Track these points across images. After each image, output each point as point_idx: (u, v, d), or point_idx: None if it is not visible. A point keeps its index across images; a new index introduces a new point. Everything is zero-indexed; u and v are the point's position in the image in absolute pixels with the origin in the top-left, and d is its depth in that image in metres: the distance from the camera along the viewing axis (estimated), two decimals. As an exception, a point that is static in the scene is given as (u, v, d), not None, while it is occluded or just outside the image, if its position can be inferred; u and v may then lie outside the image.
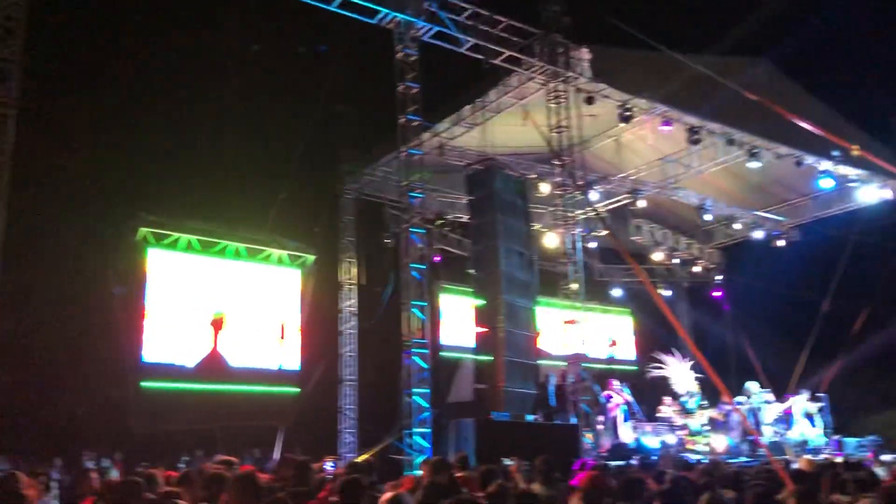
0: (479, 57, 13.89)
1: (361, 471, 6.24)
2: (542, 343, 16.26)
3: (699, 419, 17.43)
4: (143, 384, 14.97)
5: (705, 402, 18.39)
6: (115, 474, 12.00)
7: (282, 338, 17.10)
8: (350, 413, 18.34)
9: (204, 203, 16.86)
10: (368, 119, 19.02)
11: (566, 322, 14.24)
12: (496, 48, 13.90)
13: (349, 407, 18.40)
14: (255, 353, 16.60)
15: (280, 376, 16.82)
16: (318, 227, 18.36)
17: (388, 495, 4.63)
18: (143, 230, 15.49)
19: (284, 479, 5.89)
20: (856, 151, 15.37)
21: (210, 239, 16.29)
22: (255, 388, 16.39)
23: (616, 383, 17.18)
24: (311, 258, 17.64)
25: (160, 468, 7.74)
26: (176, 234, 15.85)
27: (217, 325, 16.13)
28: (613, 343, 24.85)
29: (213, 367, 15.86)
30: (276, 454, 15.75)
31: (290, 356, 17.16)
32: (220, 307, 16.27)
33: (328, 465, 9.17)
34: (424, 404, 12.55)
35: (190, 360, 15.65)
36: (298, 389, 16.97)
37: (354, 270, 19.03)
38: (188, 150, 17.13)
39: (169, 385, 15.28)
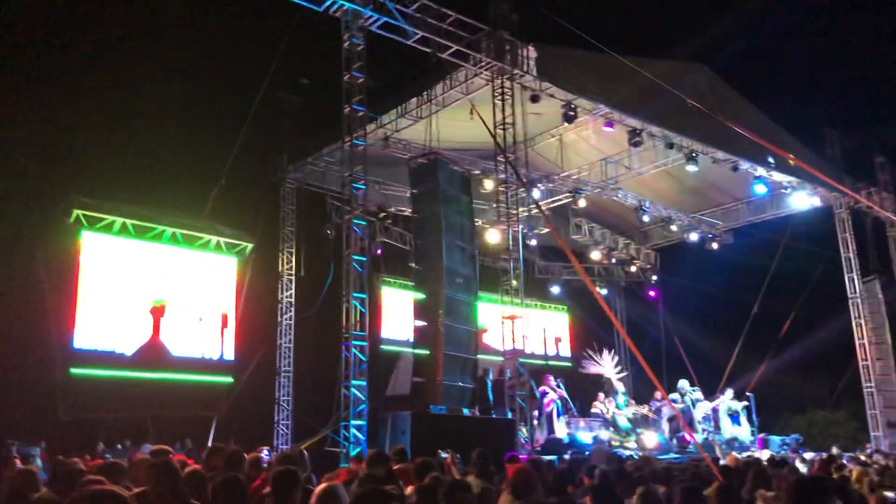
0: (427, 50, 13.86)
1: (294, 462, 6.18)
2: (484, 338, 16.40)
3: (626, 416, 17.75)
4: (73, 371, 14.54)
5: (632, 401, 18.81)
6: (39, 463, 11.65)
7: (224, 327, 16.80)
8: (286, 404, 18.17)
9: (141, 186, 16.44)
10: (313, 108, 18.83)
11: (506, 318, 14.34)
12: (444, 42, 13.89)
13: (285, 398, 18.23)
14: (189, 342, 16.27)
15: (214, 366, 16.52)
16: (258, 216, 18.09)
17: (321, 487, 4.58)
18: (77, 212, 15.02)
19: (214, 468, 5.78)
20: (792, 161, 15.87)
21: (146, 223, 15.88)
22: (189, 377, 16.06)
23: (552, 379, 17.40)
24: (249, 246, 17.35)
25: (85, 457, 7.54)
26: (110, 218, 15.40)
27: (157, 312, 15.78)
28: (558, 340, 25.22)
29: (152, 355, 15.51)
30: (209, 445, 15.48)
31: (225, 346, 16.85)
32: (156, 294, 15.90)
33: (265, 454, 9.06)
34: (361, 397, 12.50)
35: (128, 348, 15.27)
36: (233, 379, 16.69)
37: (294, 261, 18.83)
38: (125, 132, 16.69)
39: (99, 372, 14.87)
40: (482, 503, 5.19)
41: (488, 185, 17.48)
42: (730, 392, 19.38)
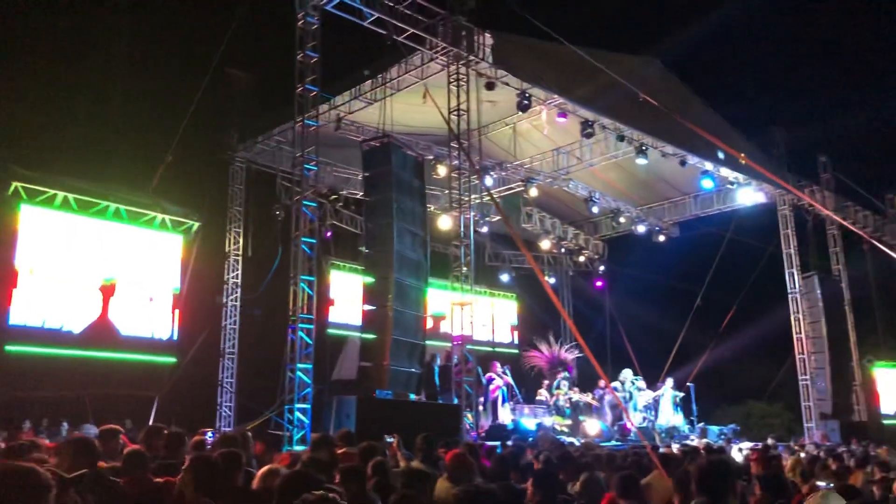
0: (382, 32, 13.72)
1: (236, 444, 6.10)
2: (441, 325, 16.40)
3: (566, 401, 18.00)
4: (8, 348, 14.11)
5: (575, 388, 19.11)
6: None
7: (175, 307, 16.48)
8: (229, 386, 17.96)
9: (84, 160, 15.99)
10: (265, 87, 18.54)
11: (455, 304, 14.37)
12: (400, 25, 13.76)
13: (229, 380, 18.01)
14: (131, 320, 15.91)
15: (156, 345, 16.19)
16: (206, 194, 17.75)
17: (264, 469, 4.54)
18: (15, 185, 14.52)
19: (154, 449, 5.68)
20: (743, 160, 16.18)
21: (89, 198, 15.43)
22: (129, 356, 15.71)
23: (499, 366, 17.53)
24: (195, 225, 17.01)
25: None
26: (51, 191, 14.92)
27: (107, 291, 15.40)
28: (508, 328, 25.40)
29: (100, 333, 15.16)
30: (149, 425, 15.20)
31: (168, 325, 16.53)
32: (99, 271, 15.50)
33: (208, 437, 8.94)
34: (307, 380, 12.40)
35: (69, 325, 14.87)
36: (175, 360, 16.39)
37: (241, 241, 18.56)
38: (68, 103, 16.18)
39: (36, 350, 14.46)
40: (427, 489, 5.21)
41: (441, 170, 17.46)
42: (670, 381, 19.80)
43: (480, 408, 16.08)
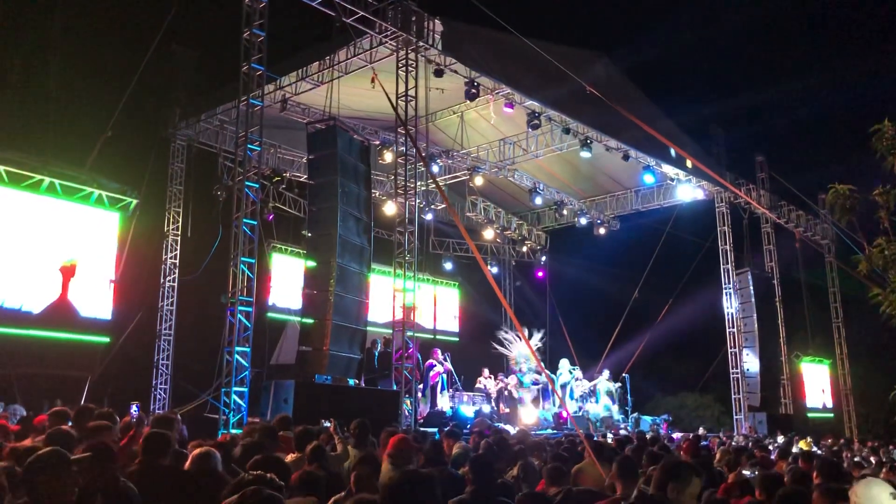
0: (332, 14, 13.55)
1: (167, 425, 6.00)
2: (382, 311, 16.33)
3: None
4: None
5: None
6: None
7: (113, 282, 16.05)
8: (165, 368, 17.64)
9: (17, 131, 15.40)
10: (209, 64, 18.16)
11: (397, 290, 14.35)
12: (349, 7, 13.60)
13: (164, 362, 17.69)
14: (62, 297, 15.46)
15: (88, 324, 15.74)
16: (145, 172, 17.29)
17: (198, 451, 4.48)
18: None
19: (84, 430, 5.54)
20: (690, 162, 16.51)
21: (22, 171, 14.89)
22: (59, 334, 15.24)
23: (439, 353, 17.60)
24: (133, 202, 16.57)
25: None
26: (-20, 163, 14.36)
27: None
28: (448, 315, 25.46)
29: (60, 314, 14.81)
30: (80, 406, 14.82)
31: (102, 304, 16.08)
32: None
33: (134, 410, 8.81)
34: (245, 363, 12.26)
35: (35, 306, 14.50)
36: (108, 339, 15.98)
37: (180, 221, 18.19)
38: (3, 72, 15.57)
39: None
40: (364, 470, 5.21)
41: (388, 157, 17.39)
42: (606, 373, 20.19)
43: (420, 394, 16.13)
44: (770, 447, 12.56)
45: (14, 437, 6.60)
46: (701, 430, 18.35)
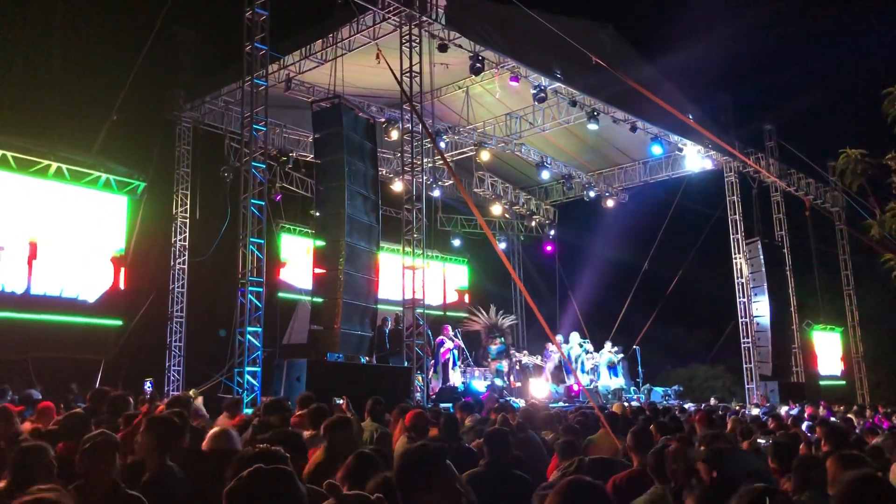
0: (334, -10, 13.46)
1: (182, 405, 6.05)
2: (393, 289, 16.36)
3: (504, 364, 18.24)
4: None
5: (525, 351, 19.42)
6: None
7: (121, 268, 16.11)
8: (178, 350, 17.76)
9: (24, 117, 15.40)
10: (213, 44, 18.06)
11: (407, 268, 14.36)
12: (352, -18, 13.50)
13: (177, 344, 17.80)
14: (75, 282, 15.53)
15: (102, 308, 15.85)
16: (152, 154, 17.30)
17: (215, 430, 4.52)
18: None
19: (100, 412, 5.60)
20: (702, 131, 16.33)
21: (29, 157, 14.91)
22: (73, 318, 15.36)
23: (450, 329, 17.65)
24: (141, 186, 16.60)
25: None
26: (-12, 149, 14.39)
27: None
28: (458, 292, 25.50)
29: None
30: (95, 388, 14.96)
31: (112, 287, 16.17)
32: (35, 231, 15.05)
33: (147, 386, 8.92)
34: (257, 343, 12.33)
35: (19, 287, 14.48)
36: (121, 322, 16.10)
37: (188, 203, 18.22)
38: (5, 58, 15.54)
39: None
40: (381, 446, 5.27)
41: (394, 134, 17.32)
42: (608, 344, 20.20)
43: (431, 371, 16.21)
44: (782, 416, 12.57)
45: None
46: (712, 401, 18.37)
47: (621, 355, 20.14)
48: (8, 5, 15.78)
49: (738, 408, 15.73)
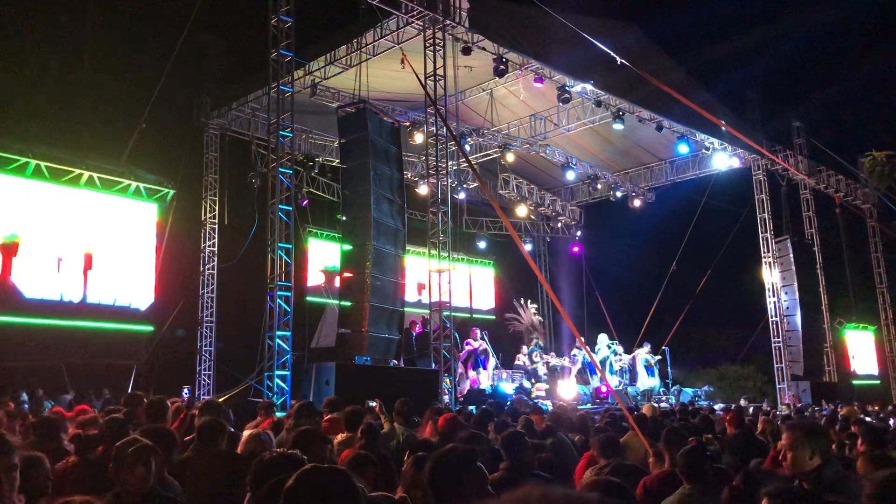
0: (358, -4, 13.56)
1: (216, 411, 6.13)
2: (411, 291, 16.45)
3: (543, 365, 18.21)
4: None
5: (552, 353, 19.36)
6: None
7: (157, 278, 16.38)
8: (208, 354, 17.95)
9: (56, 128, 15.71)
10: (238, 52, 18.27)
11: (433, 271, 14.41)
12: (375, -11, 13.58)
13: (207, 348, 18.00)
14: (106, 288, 15.79)
15: (133, 314, 16.10)
16: (180, 162, 17.53)
17: (248, 433, 4.59)
18: (-15, 153, 14.26)
19: (135, 417, 5.69)
20: (724, 127, 16.13)
21: (62, 166, 15.19)
22: (106, 324, 15.61)
23: (478, 332, 17.66)
24: (170, 193, 16.84)
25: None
26: (23, 159, 14.66)
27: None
28: (483, 294, 25.51)
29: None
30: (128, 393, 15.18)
31: (144, 293, 16.43)
32: (80, 240, 15.33)
33: (185, 393, 9.04)
34: (286, 347, 12.43)
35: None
36: (152, 328, 16.34)
37: (217, 209, 18.42)
38: (39, 70, 15.87)
39: (8, 319, 14.30)
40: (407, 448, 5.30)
41: (418, 137, 17.38)
42: (646, 346, 20.09)
43: (460, 372, 16.23)
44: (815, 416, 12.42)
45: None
46: (742, 401, 18.20)
47: (658, 357, 20.02)
48: (39, 19, 16.07)
49: (768, 408, 15.55)
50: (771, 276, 21.74)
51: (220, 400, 11.17)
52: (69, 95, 16.40)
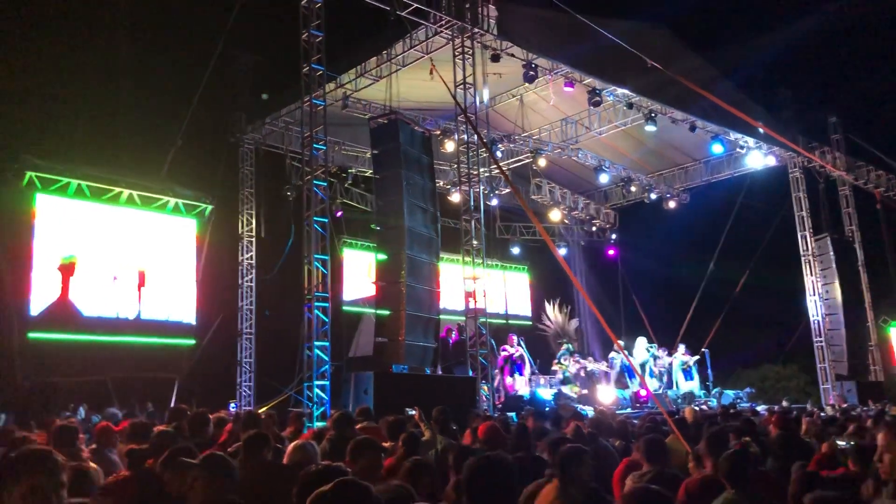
0: (386, 8, 13.67)
1: (260, 423, 6.24)
2: (446, 299, 16.50)
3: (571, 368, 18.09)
4: (31, 335, 14.34)
5: (589, 358, 19.25)
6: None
7: (197, 292, 16.71)
8: (248, 366, 18.17)
9: (95, 147, 16.09)
10: (271, 67, 18.52)
11: (467, 278, 14.44)
12: (403, -1, 13.70)
13: (247, 360, 18.22)
14: (156, 304, 16.15)
15: (175, 328, 16.41)
16: (217, 177, 17.84)
17: (294, 444, 4.67)
18: (30, 174, 14.66)
19: (180, 429, 5.82)
20: (761, 128, 15.81)
21: (102, 185, 15.56)
22: (150, 339, 15.94)
23: (514, 338, 17.64)
24: (208, 208, 17.15)
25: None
26: (65, 179, 15.06)
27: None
28: (518, 300, 25.45)
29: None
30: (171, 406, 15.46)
31: (186, 307, 16.73)
32: (112, 256, 15.66)
33: (231, 407, 9.20)
34: (324, 357, 12.55)
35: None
36: (194, 341, 16.62)
37: (254, 222, 18.67)
38: (78, 92, 16.26)
39: (58, 336, 14.68)
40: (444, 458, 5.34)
41: (450, 145, 17.45)
42: (682, 348, 19.87)
43: (497, 379, 16.22)
44: (862, 416, 12.18)
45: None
46: (785, 403, 17.91)
47: (696, 357, 19.80)
48: (78, 40, 16.47)
49: (812, 409, 15.29)
50: (811, 274, 21.40)
51: (261, 411, 11.34)
52: (107, 115, 16.79)
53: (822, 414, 12.36)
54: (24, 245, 14.51)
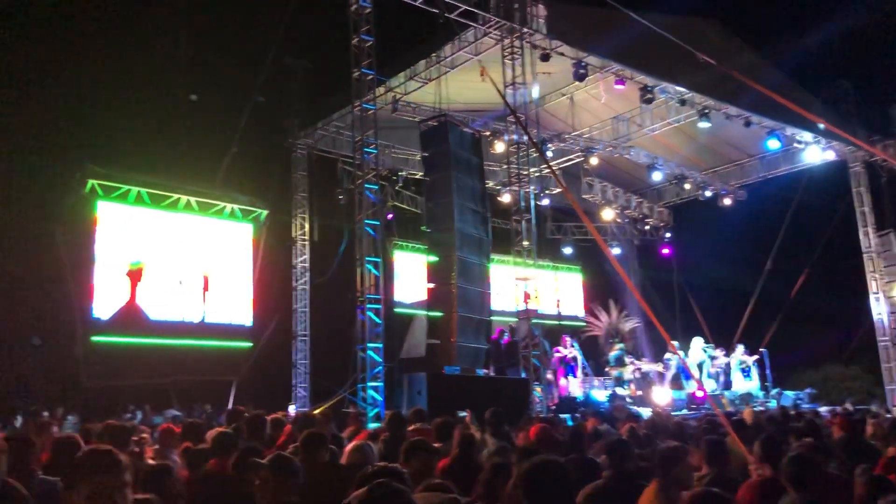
0: (435, 11, 13.72)
1: (317, 423, 6.32)
2: (497, 300, 16.51)
3: (623, 371, 17.88)
4: (95, 339, 14.79)
5: (644, 359, 19.00)
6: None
7: (254, 295, 17.06)
8: (303, 368, 18.42)
9: (154, 155, 16.54)
10: (322, 72, 18.76)
11: (518, 279, 14.40)
12: (451, 2, 13.72)
13: (302, 362, 18.47)
14: (219, 308, 16.54)
15: (234, 331, 16.76)
16: (271, 182, 18.17)
17: (352, 444, 4.73)
18: (92, 182, 15.14)
19: (238, 431, 5.92)
20: (821, 123, 15.43)
21: (161, 192, 15.98)
22: (209, 342, 16.32)
23: (568, 339, 17.52)
24: (263, 213, 17.46)
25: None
26: (125, 187, 15.53)
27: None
28: (571, 300, 25.30)
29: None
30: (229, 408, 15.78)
31: (243, 311, 17.07)
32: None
33: (291, 410, 9.37)
34: (378, 359, 12.64)
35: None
36: (251, 344, 16.94)
37: (307, 226, 18.92)
38: (137, 101, 16.75)
39: (121, 340, 15.12)
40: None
41: (499, 146, 17.42)
42: (741, 348, 19.47)
43: (550, 380, 16.12)
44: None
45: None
46: (848, 404, 17.40)
47: (755, 357, 19.38)
48: (137, 52, 16.94)
49: (878, 411, 14.82)
50: (874, 271, 20.75)
51: (316, 412, 11.49)
52: (165, 124, 17.23)
53: (889, 416, 11.97)
54: (87, 251, 14.97)
